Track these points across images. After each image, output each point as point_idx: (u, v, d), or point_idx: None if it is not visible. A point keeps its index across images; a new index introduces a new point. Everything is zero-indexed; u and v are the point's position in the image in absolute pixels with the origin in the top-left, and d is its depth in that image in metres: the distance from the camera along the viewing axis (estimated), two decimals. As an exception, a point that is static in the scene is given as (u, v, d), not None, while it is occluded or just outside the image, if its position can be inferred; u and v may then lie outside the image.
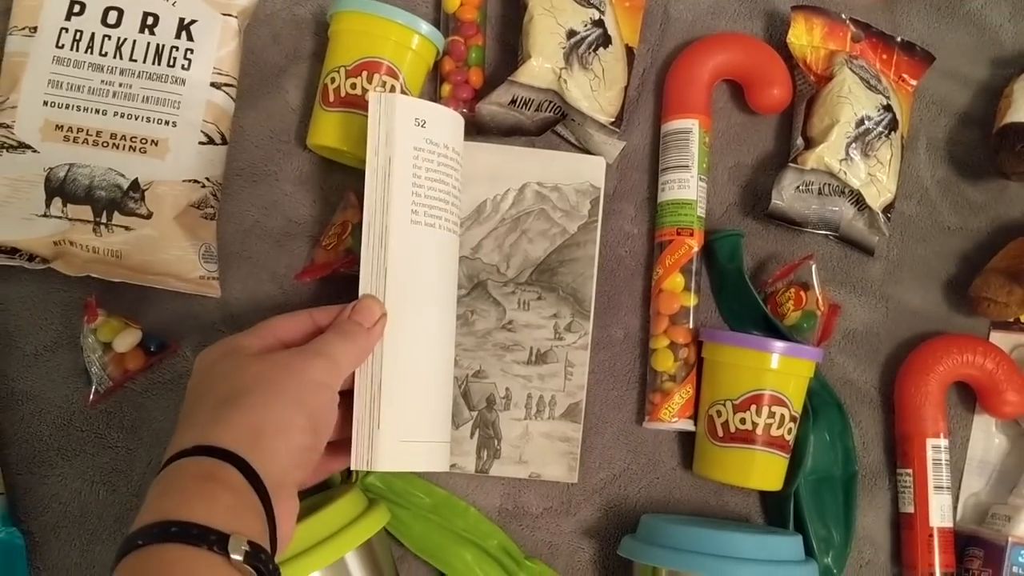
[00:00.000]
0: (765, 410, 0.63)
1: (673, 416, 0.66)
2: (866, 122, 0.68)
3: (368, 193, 0.56)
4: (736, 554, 0.58)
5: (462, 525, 0.65)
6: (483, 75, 0.70)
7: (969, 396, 0.69)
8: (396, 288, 0.56)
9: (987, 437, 0.70)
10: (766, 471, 0.64)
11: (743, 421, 0.64)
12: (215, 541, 0.41)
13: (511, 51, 0.70)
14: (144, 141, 0.64)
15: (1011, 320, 0.70)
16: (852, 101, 0.68)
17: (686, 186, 0.68)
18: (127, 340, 0.63)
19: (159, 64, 0.65)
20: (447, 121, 0.59)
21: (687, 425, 0.66)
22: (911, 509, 0.66)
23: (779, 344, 0.63)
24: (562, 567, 0.66)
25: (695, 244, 0.68)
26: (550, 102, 0.67)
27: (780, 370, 0.63)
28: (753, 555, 0.59)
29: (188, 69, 0.65)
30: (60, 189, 0.62)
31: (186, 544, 0.41)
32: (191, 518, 0.42)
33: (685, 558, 0.59)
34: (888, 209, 0.69)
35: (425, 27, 0.65)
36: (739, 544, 0.59)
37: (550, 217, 0.68)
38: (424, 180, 0.57)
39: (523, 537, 0.66)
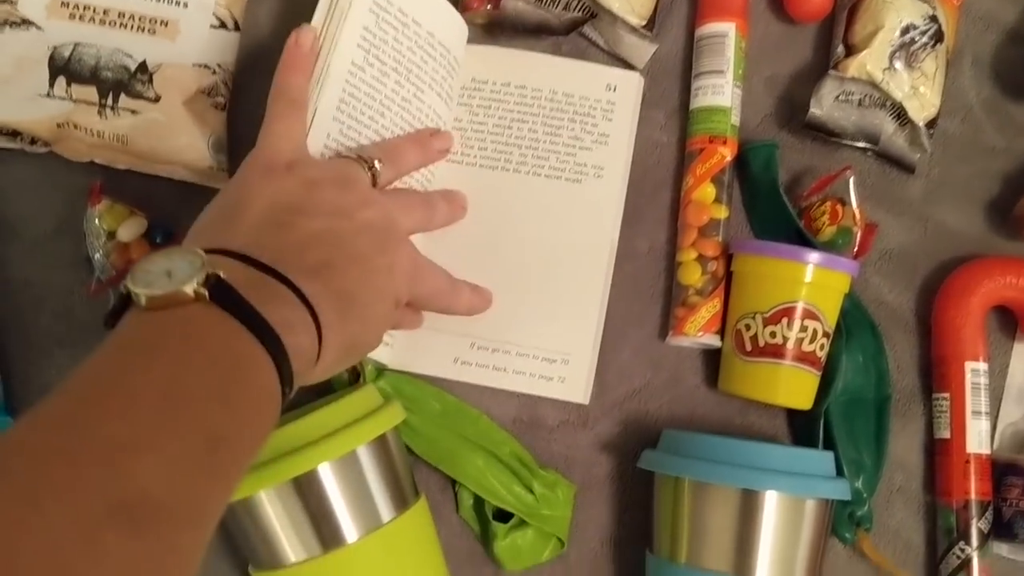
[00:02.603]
0: (797, 324, 0.60)
1: (699, 330, 0.63)
2: (911, 31, 0.65)
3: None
4: (766, 465, 0.55)
5: (473, 432, 0.62)
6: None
7: (1010, 322, 0.66)
8: None
9: (1027, 366, 0.67)
10: (795, 387, 0.61)
11: (773, 335, 0.61)
12: (265, 333, 0.39)
13: (540, -54, 0.67)
14: (153, 21, 0.61)
15: (1056, 245, 0.66)
16: (897, 7, 0.64)
17: (720, 92, 0.65)
18: (132, 229, 0.60)
19: (170, -61, 0.62)
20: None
21: (713, 340, 0.63)
22: (947, 435, 0.63)
23: (814, 254, 0.60)
24: (578, 480, 0.63)
25: (728, 153, 0.65)
26: (579, 1, 0.64)
27: (814, 282, 0.60)
28: (784, 467, 0.56)
29: (201, -54, 0.62)
30: (65, 68, 0.60)
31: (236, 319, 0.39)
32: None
33: (711, 468, 0.56)
34: (931, 125, 0.66)
35: None
36: (769, 455, 0.56)
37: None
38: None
39: (538, 449, 0.63)
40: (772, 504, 0.55)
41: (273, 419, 0.41)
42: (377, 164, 0.55)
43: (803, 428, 0.64)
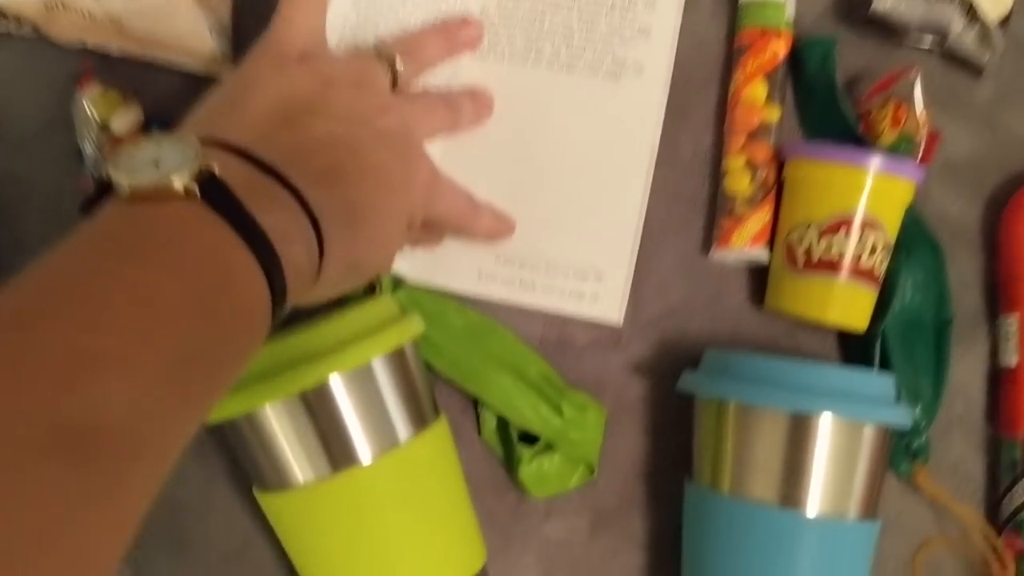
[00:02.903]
0: (855, 235, 0.55)
1: (746, 243, 0.57)
2: (988, -85, 0.58)
3: None
4: (820, 387, 0.50)
5: (499, 350, 0.57)
6: None
7: (1084, 241, 0.60)
8: None
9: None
10: (850, 305, 0.56)
11: (828, 247, 0.55)
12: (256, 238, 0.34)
13: None
14: None
15: None
16: None
17: (774, -19, 0.59)
18: (126, 119, 0.55)
19: None
20: None
21: (761, 254, 0.58)
22: (1013, 361, 0.58)
23: (877, 158, 0.55)
24: (609, 403, 0.58)
25: (781, 49, 0.59)
26: None
27: (875, 190, 0.55)
28: (840, 390, 0.51)
29: None
30: (52, -60, 0.54)
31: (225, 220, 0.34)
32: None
33: (759, 390, 0.51)
34: (1003, 24, 0.60)
35: None
36: (824, 377, 0.51)
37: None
38: None
39: (566, 369, 0.58)
40: (827, 429, 0.50)
41: (259, 338, 0.36)
42: (399, 62, 0.50)
43: (857, 351, 0.59)
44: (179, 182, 0.33)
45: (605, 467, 0.58)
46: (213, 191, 0.34)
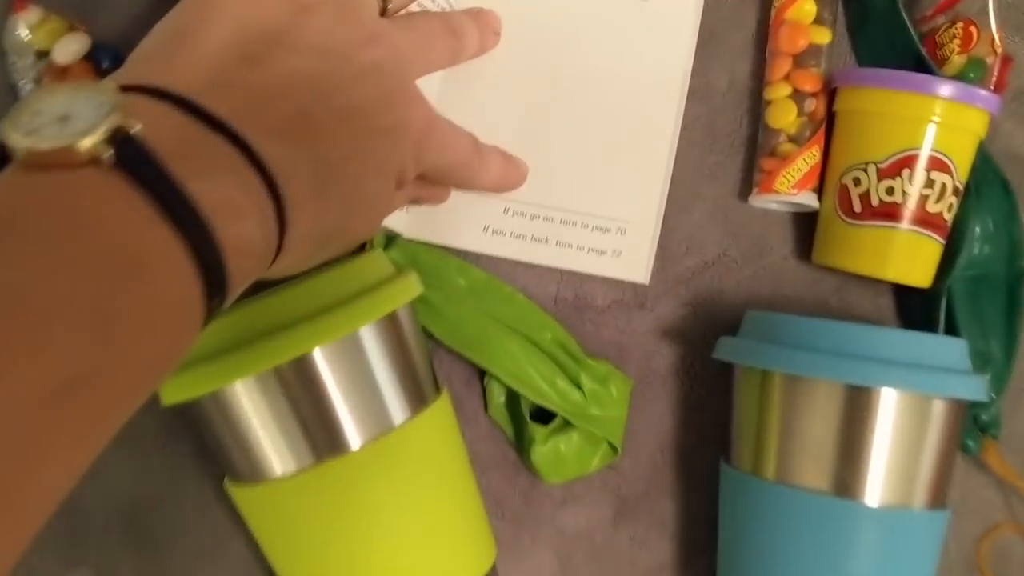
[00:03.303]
0: (921, 176, 0.47)
1: (792, 187, 0.50)
2: None
3: None
4: (881, 355, 0.43)
5: (507, 313, 0.49)
6: None
7: None
8: None
9: None
10: (913, 258, 0.49)
11: (890, 191, 0.48)
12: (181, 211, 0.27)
13: None
14: None
15: None
16: None
17: None
18: (71, 47, 0.47)
19: None
20: None
21: (809, 200, 0.50)
22: (1096, 320, 0.50)
23: (947, 85, 0.47)
24: (634, 373, 0.51)
25: (832, -41, 0.50)
26: None
27: (945, 122, 0.47)
28: (904, 358, 0.43)
29: None
30: None
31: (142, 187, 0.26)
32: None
33: (811, 359, 0.43)
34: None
35: None
36: (887, 343, 0.44)
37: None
38: None
39: (584, 335, 0.51)
40: (890, 405, 0.43)
41: (184, 341, 0.28)
42: None
43: (917, 311, 0.51)
44: (87, 143, 0.26)
45: (630, 447, 0.51)
46: (130, 155, 0.26)
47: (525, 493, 0.50)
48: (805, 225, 0.52)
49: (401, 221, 0.49)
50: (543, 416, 0.49)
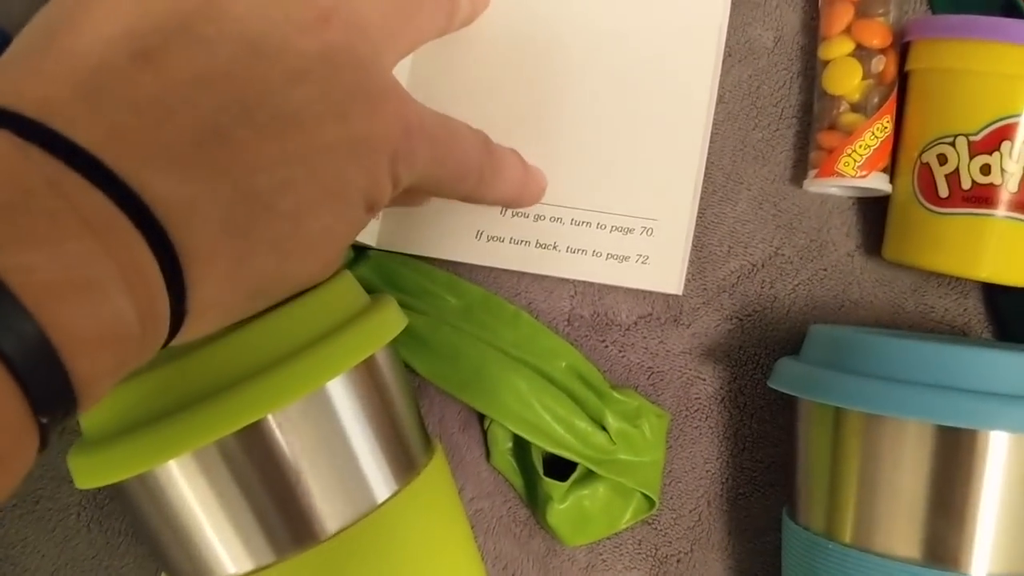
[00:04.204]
0: (1022, 150, 0.38)
1: (858, 168, 0.40)
2: None
3: None
4: (992, 386, 0.34)
5: (511, 339, 0.40)
6: None
7: None
8: None
9: None
10: (1013, 252, 0.40)
11: (986, 170, 0.38)
12: None
13: None
14: None
15: None
16: None
17: None
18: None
19: None
20: None
21: (880, 183, 0.41)
22: None
23: (1058, 35, 0.37)
24: (671, 406, 0.42)
25: None
26: None
27: (1056, 82, 0.38)
28: (1018, 386, 0.34)
29: None
30: None
31: None
32: None
33: (902, 395, 0.34)
34: None
35: None
36: (1000, 368, 0.34)
37: None
38: None
39: (607, 360, 0.42)
40: (1000, 450, 0.34)
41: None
42: None
43: (1015, 317, 0.42)
44: None
45: (669, 497, 0.42)
46: None
47: (541, 560, 0.41)
48: (874, 214, 0.43)
49: (371, 230, 0.40)
50: (560, 465, 0.40)
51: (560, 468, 0.40)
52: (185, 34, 0.26)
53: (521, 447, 0.41)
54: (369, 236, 0.40)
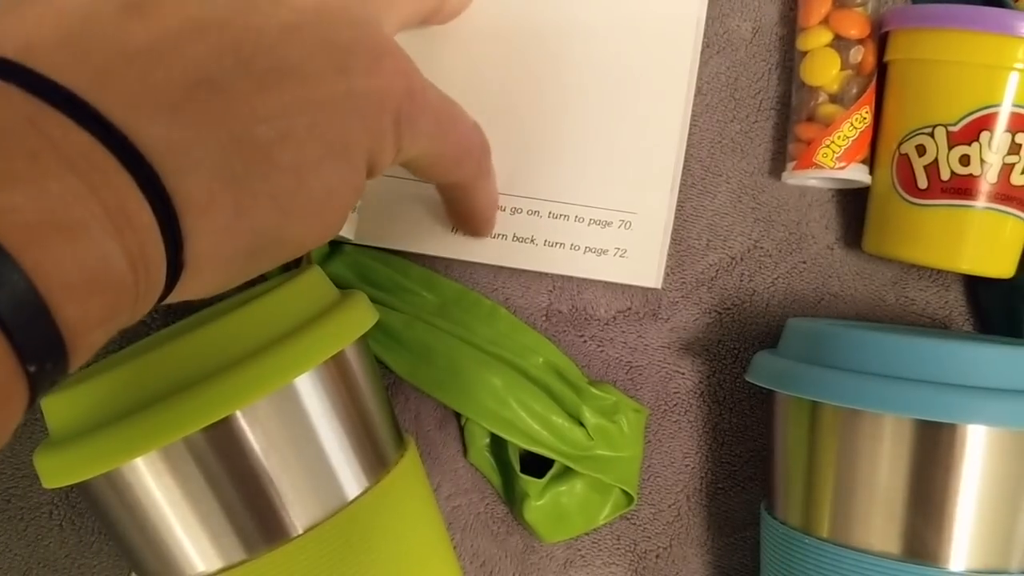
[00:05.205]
0: (1003, 140, 0.38)
1: (837, 159, 0.40)
2: None
3: None
4: (970, 379, 0.34)
5: (486, 335, 0.40)
6: None
7: None
8: None
9: None
10: (993, 244, 0.39)
11: (965, 160, 0.38)
12: None
13: None
14: None
15: None
16: None
17: None
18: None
19: None
20: None
21: (859, 174, 0.40)
22: None
23: (1037, 23, 0.37)
24: (649, 401, 0.41)
25: None
26: None
27: (1034, 72, 0.37)
28: (1002, 381, 0.34)
29: None
30: None
31: None
32: None
33: (878, 389, 0.34)
34: None
35: None
36: (972, 359, 0.34)
37: None
38: None
39: (585, 355, 0.41)
40: (978, 444, 0.34)
41: None
42: None
43: (996, 308, 0.42)
44: None
45: (648, 492, 0.42)
46: None
47: (519, 557, 0.41)
48: (854, 207, 0.42)
49: (349, 224, 0.39)
50: (539, 461, 0.40)
51: (538, 464, 0.40)
52: None
53: (498, 444, 0.40)
54: (347, 230, 0.39)
